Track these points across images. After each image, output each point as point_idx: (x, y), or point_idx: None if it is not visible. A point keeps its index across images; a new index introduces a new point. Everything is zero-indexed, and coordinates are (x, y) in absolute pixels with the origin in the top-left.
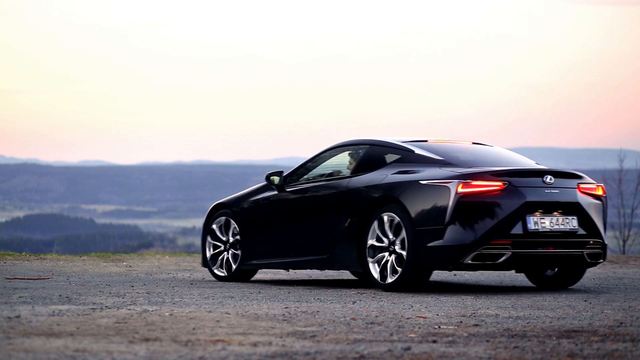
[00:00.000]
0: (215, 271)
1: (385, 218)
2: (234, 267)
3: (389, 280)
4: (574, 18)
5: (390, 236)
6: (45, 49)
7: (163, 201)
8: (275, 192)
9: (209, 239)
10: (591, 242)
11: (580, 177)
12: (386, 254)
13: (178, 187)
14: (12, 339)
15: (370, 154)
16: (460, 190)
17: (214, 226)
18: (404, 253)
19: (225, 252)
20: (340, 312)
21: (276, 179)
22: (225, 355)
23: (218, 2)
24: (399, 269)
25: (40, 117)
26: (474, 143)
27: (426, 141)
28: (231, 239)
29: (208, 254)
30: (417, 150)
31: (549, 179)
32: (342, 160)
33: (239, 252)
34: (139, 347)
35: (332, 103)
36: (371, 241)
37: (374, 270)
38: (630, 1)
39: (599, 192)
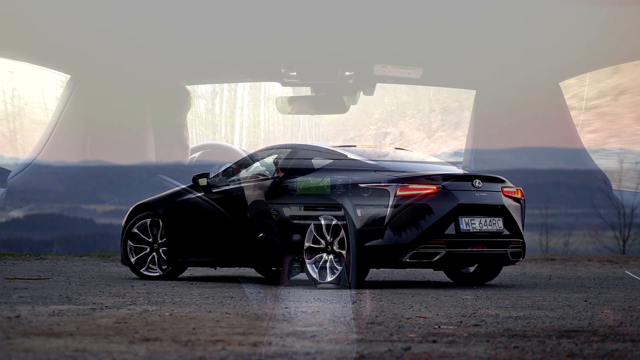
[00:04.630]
0: (145, 273)
1: (323, 220)
2: (164, 266)
3: (329, 278)
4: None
5: (328, 237)
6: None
7: None
8: (202, 193)
9: (130, 243)
10: (514, 241)
11: (503, 181)
12: (324, 254)
13: None
14: (12, 339)
15: (302, 158)
16: (399, 193)
17: (136, 230)
18: (343, 252)
19: (155, 253)
20: (340, 312)
21: (203, 181)
22: (225, 355)
23: (219, 2)
24: (339, 268)
25: None
26: (396, 148)
27: (355, 146)
28: (159, 240)
29: (132, 260)
30: (350, 155)
31: (477, 182)
32: (271, 164)
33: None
34: (139, 347)
35: None
36: (308, 243)
37: (312, 271)
38: (630, 1)
39: (519, 195)
